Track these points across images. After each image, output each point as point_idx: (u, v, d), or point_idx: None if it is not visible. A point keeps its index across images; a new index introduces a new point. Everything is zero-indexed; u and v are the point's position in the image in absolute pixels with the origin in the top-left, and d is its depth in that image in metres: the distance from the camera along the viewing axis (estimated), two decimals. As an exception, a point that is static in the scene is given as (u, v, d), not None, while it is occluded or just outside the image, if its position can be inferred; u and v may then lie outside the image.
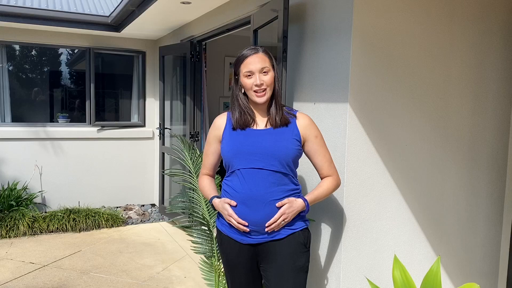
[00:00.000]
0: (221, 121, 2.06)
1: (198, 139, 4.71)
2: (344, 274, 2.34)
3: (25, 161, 5.36)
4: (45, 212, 5.32)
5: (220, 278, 2.84)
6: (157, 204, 5.99)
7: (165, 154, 5.31)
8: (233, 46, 6.22)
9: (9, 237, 4.69)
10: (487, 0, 2.57)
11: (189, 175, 3.06)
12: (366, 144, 2.31)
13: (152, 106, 6.06)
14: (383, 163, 2.38)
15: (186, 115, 4.81)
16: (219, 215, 2.08)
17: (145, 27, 5.02)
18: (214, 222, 2.91)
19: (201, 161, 3.05)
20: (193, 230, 3.01)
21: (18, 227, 4.73)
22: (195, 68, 4.61)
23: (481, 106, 2.63)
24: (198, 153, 3.12)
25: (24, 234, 4.78)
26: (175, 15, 4.37)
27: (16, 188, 5.13)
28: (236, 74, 1.97)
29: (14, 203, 4.94)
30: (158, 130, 5.43)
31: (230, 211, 1.93)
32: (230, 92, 2.03)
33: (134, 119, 6.15)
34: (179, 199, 3.16)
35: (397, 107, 2.38)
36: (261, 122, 1.99)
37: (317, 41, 2.47)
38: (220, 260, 2.89)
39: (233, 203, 1.94)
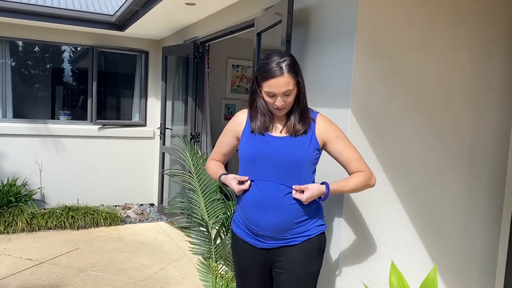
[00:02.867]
0: (242, 118, 2.01)
1: (198, 140, 4.72)
2: (341, 279, 2.35)
3: (25, 157, 5.37)
4: (44, 208, 5.33)
5: (217, 280, 2.85)
6: (156, 204, 6.00)
7: (165, 154, 5.32)
8: (236, 48, 6.24)
9: (7, 233, 4.69)
10: (490, 9, 2.58)
11: (189, 176, 3.07)
12: (366, 150, 2.31)
13: (154, 105, 6.07)
14: (383, 170, 2.38)
15: (187, 115, 4.82)
16: (235, 217, 2.08)
17: (149, 27, 5.04)
18: (213, 224, 2.91)
19: (202, 161, 3.07)
20: (191, 231, 3.02)
21: (17, 223, 4.73)
22: (198, 69, 4.63)
23: (482, 114, 2.64)
24: (200, 154, 3.13)
25: (22, 230, 4.78)
26: (179, 15, 4.39)
27: (15, 184, 5.13)
28: (258, 82, 1.88)
29: (13, 199, 4.94)
30: (159, 130, 5.44)
31: (236, 185, 1.92)
32: (248, 93, 1.96)
33: (135, 118, 6.16)
34: (178, 199, 3.17)
35: (399, 114, 2.38)
36: (279, 126, 1.93)
37: (320, 45, 2.49)
38: (218, 262, 2.90)
39: (244, 178, 1.91)
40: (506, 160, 2.76)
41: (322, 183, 1.90)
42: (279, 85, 1.79)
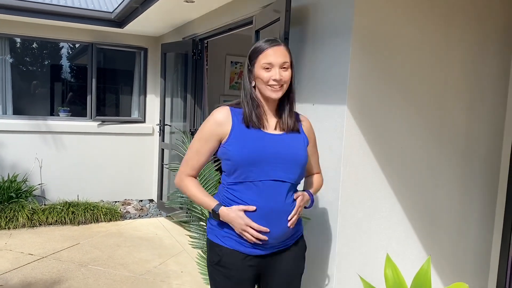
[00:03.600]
0: (223, 116, 1.77)
1: (197, 136, 4.76)
2: (338, 272, 2.40)
3: (25, 154, 5.40)
4: (44, 204, 5.37)
5: (216, 273, 2.89)
6: (155, 199, 6.04)
7: (165, 150, 5.37)
8: (235, 45, 6.26)
9: (8, 228, 4.74)
10: (484, 7, 2.63)
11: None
12: (362, 146, 2.36)
13: (153, 102, 6.11)
14: (379, 165, 2.43)
15: (186, 112, 4.86)
16: (216, 228, 1.82)
17: (148, 24, 5.07)
18: (212, 218, 2.96)
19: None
20: (191, 225, 3.06)
21: (18, 218, 4.78)
22: (197, 66, 4.66)
23: (476, 111, 2.69)
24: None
25: (23, 226, 4.82)
26: (178, 13, 4.42)
27: (16, 180, 5.17)
28: (251, 65, 1.77)
29: (14, 195, 4.99)
30: (158, 126, 5.48)
31: (248, 219, 1.71)
32: (242, 85, 1.81)
33: (135, 114, 6.20)
34: (178, 194, 3.21)
35: (394, 110, 2.43)
36: (271, 124, 1.81)
37: (317, 43, 2.53)
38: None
39: (252, 208, 1.72)
40: (500, 155, 2.81)
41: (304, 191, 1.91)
42: (276, 55, 1.72)
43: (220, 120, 1.77)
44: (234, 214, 1.73)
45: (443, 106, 2.58)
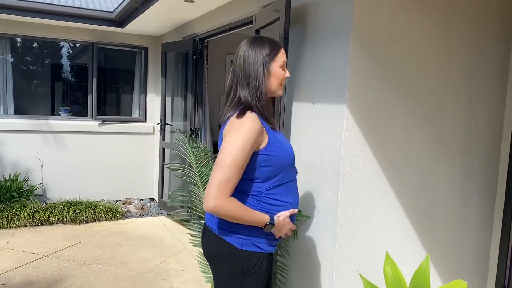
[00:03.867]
0: (259, 124, 1.66)
1: (198, 135, 4.79)
2: (338, 270, 2.41)
3: (26, 153, 5.43)
4: (46, 203, 5.39)
5: (217, 271, 2.91)
6: (156, 198, 6.06)
7: (165, 149, 5.39)
8: (235, 44, 6.28)
9: (10, 227, 4.76)
10: (483, 7, 2.64)
11: (190, 169, 3.13)
12: (362, 145, 2.38)
13: (153, 101, 6.13)
14: (378, 164, 2.45)
15: (187, 111, 4.88)
16: (251, 235, 1.72)
17: (148, 23, 5.08)
18: (212, 217, 2.97)
19: (204, 155, 3.12)
20: (192, 224, 3.08)
21: (19, 218, 4.80)
22: (197, 65, 4.68)
23: (475, 110, 2.70)
24: (201, 148, 3.19)
25: (25, 225, 4.85)
26: (178, 12, 4.43)
27: (17, 180, 5.20)
28: (268, 61, 1.72)
29: (16, 194, 5.01)
30: (159, 126, 5.50)
31: (291, 223, 1.81)
32: (257, 84, 1.70)
33: (135, 114, 6.22)
34: (179, 193, 3.23)
35: (393, 109, 2.45)
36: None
37: (317, 43, 2.54)
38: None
39: (296, 210, 1.81)
40: (499, 154, 2.82)
41: None
42: (285, 54, 1.79)
43: (259, 129, 1.65)
44: (284, 221, 1.74)
45: (443, 105, 2.59)
